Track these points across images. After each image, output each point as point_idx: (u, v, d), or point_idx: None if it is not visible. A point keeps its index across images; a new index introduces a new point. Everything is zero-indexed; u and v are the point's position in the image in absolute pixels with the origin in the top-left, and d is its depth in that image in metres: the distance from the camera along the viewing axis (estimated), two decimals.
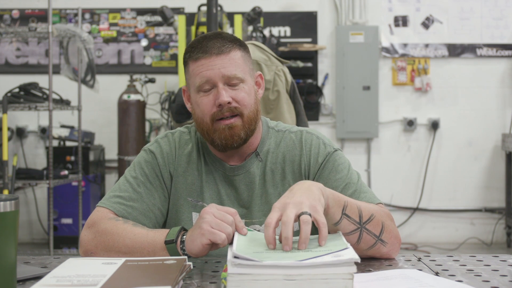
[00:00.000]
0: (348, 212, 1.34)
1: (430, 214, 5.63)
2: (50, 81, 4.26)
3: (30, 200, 5.56)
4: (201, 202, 1.56)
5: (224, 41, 1.51)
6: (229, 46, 1.51)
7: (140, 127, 5.04)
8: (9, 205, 1.08)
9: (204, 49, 1.50)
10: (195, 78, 1.51)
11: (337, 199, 1.33)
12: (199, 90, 1.51)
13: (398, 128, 5.64)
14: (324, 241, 1.19)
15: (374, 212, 1.39)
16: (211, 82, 1.49)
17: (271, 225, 1.18)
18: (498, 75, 5.60)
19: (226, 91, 1.48)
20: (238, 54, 1.52)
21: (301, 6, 5.65)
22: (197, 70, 1.50)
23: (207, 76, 1.48)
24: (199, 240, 1.27)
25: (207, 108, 1.50)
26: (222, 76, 1.48)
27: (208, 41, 1.51)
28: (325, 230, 1.19)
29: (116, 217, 1.48)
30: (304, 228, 1.16)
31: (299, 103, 3.09)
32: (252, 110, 1.51)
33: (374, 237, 1.37)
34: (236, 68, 1.50)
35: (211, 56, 1.49)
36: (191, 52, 1.52)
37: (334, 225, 1.34)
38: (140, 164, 1.58)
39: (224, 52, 1.49)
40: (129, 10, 5.69)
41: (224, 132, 1.49)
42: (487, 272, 1.30)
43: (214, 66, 1.48)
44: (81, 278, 1.10)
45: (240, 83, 1.50)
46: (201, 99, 1.51)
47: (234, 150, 1.55)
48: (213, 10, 3.14)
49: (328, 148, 1.58)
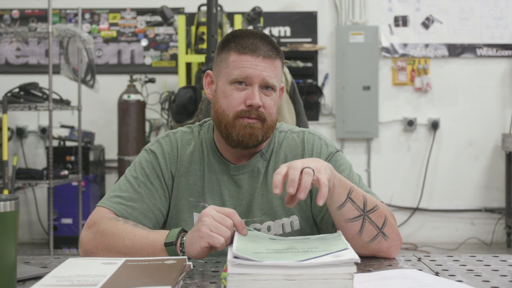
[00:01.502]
0: (353, 197, 1.36)
1: (430, 214, 5.63)
2: (50, 81, 4.26)
3: (30, 200, 5.56)
4: (203, 202, 1.56)
5: (273, 47, 1.52)
6: (276, 53, 1.52)
7: (140, 127, 5.04)
8: (9, 205, 1.08)
9: (253, 47, 1.50)
10: (234, 70, 1.50)
11: (344, 181, 1.36)
12: (233, 82, 1.51)
13: (398, 128, 5.64)
14: (323, 200, 1.22)
15: (378, 204, 1.41)
16: (249, 81, 1.49)
17: (281, 173, 1.24)
18: (498, 75, 5.60)
19: (259, 94, 1.50)
20: (279, 64, 1.54)
21: (301, 6, 5.65)
22: (239, 63, 1.50)
23: (248, 73, 1.49)
24: (198, 243, 1.27)
25: (235, 102, 1.50)
26: (263, 79, 1.49)
27: (258, 40, 1.51)
28: (325, 190, 1.23)
29: (117, 217, 1.48)
30: (305, 178, 1.23)
31: (299, 103, 3.09)
32: (273, 119, 1.54)
33: (377, 228, 1.38)
34: (275, 76, 1.52)
35: (258, 56, 1.49)
36: (238, 43, 1.51)
37: (338, 208, 1.35)
38: (141, 164, 1.58)
39: (271, 58, 1.51)
40: (129, 10, 5.69)
41: (245, 129, 1.50)
42: (487, 272, 1.30)
43: (257, 67, 1.49)
44: (81, 278, 1.10)
45: (272, 91, 1.52)
46: (232, 92, 1.50)
47: (243, 150, 1.56)
48: (213, 10, 3.14)
49: (330, 148, 1.59)
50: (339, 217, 1.37)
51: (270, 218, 1.55)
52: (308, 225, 1.56)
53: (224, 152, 1.59)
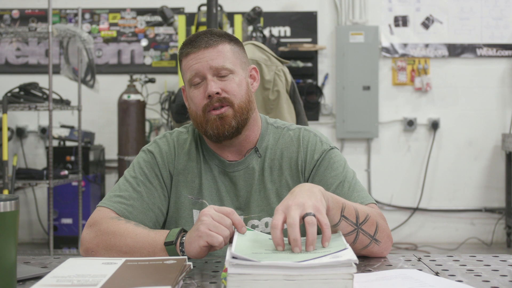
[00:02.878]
0: (346, 214, 1.35)
1: (430, 214, 5.63)
2: (50, 81, 4.26)
3: (30, 200, 5.56)
4: (201, 199, 1.57)
5: (213, 36, 1.55)
6: (217, 39, 1.54)
7: (140, 127, 5.04)
8: (9, 205, 1.08)
9: (193, 44, 1.54)
10: (186, 73, 1.55)
11: (336, 200, 1.34)
12: (191, 84, 1.55)
13: (398, 128, 5.64)
14: (327, 242, 1.19)
15: (369, 213, 1.41)
16: (200, 75, 1.52)
17: (278, 227, 1.18)
18: (498, 75, 5.60)
19: (215, 82, 1.51)
20: (226, 47, 1.55)
21: (301, 6, 5.65)
22: (187, 64, 1.55)
23: (196, 69, 1.52)
24: (197, 242, 1.28)
25: (198, 100, 1.53)
26: (210, 67, 1.51)
27: (197, 37, 1.55)
28: (329, 232, 1.20)
29: (118, 217, 1.48)
30: (310, 230, 1.17)
31: (299, 103, 3.09)
32: (243, 100, 1.53)
33: (369, 237, 1.40)
34: (225, 60, 1.53)
35: (199, 49, 1.52)
36: (182, 48, 1.57)
37: (333, 227, 1.35)
38: (139, 164, 1.59)
39: (212, 45, 1.53)
40: (129, 10, 5.69)
41: (216, 122, 1.51)
42: (487, 272, 1.30)
43: (202, 59, 1.52)
44: (81, 278, 1.10)
45: (229, 74, 1.53)
46: (193, 93, 1.54)
47: (232, 145, 1.57)
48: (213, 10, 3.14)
49: (324, 145, 1.59)
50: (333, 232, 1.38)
51: (268, 214, 1.56)
52: None
53: (217, 150, 1.60)
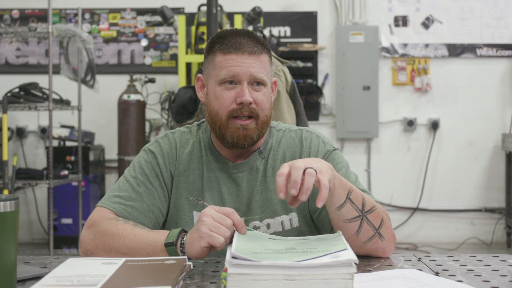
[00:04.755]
0: (352, 197, 1.36)
1: (430, 214, 5.63)
2: (50, 81, 4.26)
3: (30, 200, 5.56)
4: (202, 201, 1.56)
5: (257, 42, 1.52)
6: (261, 48, 1.52)
7: (140, 127, 5.04)
8: (9, 205, 1.08)
9: (237, 45, 1.50)
10: (221, 70, 1.51)
11: (344, 182, 1.36)
12: (222, 83, 1.51)
13: (398, 128, 5.64)
14: (322, 202, 1.22)
15: (376, 205, 1.42)
16: (237, 79, 1.50)
17: (283, 175, 1.23)
18: (498, 75, 5.60)
19: (249, 91, 1.50)
20: (266, 58, 1.54)
21: (301, 6, 5.65)
22: (225, 63, 1.50)
23: (235, 72, 1.49)
24: (198, 243, 1.28)
25: (226, 102, 1.50)
26: (250, 75, 1.49)
27: (241, 38, 1.51)
28: (325, 192, 1.22)
29: (117, 217, 1.48)
30: (307, 179, 1.21)
31: (299, 103, 3.09)
32: (266, 114, 1.54)
33: (374, 229, 1.39)
34: (264, 71, 1.52)
35: (243, 53, 1.50)
36: (222, 44, 1.52)
37: (338, 209, 1.36)
38: (140, 164, 1.58)
39: (256, 53, 1.51)
40: (129, 10, 5.69)
41: (238, 131, 1.50)
42: (487, 272, 1.30)
43: (243, 64, 1.49)
44: (81, 278, 1.10)
45: (262, 86, 1.52)
46: (222, 92, 1.51)
47: (240, 150, 1.56)
48: (213, 10, 3.14)
49: (327, 146, 1.60)
50: (337, 217, 1.37)
51: (269, 216, 1.55)
52: (305, 222, 1.57)
53: (221, 151, 1.59)
